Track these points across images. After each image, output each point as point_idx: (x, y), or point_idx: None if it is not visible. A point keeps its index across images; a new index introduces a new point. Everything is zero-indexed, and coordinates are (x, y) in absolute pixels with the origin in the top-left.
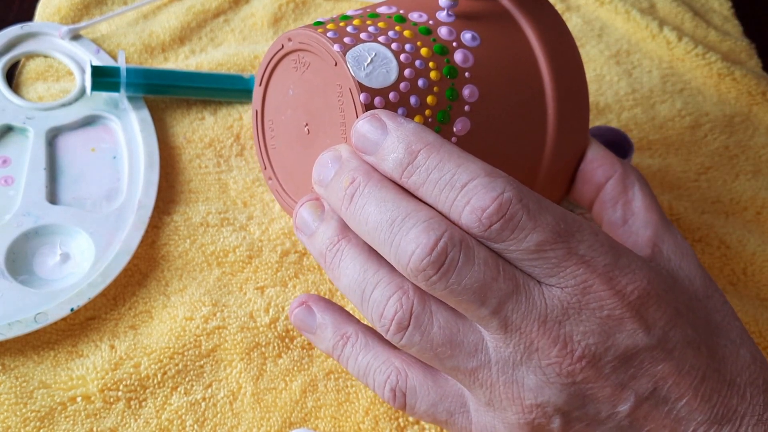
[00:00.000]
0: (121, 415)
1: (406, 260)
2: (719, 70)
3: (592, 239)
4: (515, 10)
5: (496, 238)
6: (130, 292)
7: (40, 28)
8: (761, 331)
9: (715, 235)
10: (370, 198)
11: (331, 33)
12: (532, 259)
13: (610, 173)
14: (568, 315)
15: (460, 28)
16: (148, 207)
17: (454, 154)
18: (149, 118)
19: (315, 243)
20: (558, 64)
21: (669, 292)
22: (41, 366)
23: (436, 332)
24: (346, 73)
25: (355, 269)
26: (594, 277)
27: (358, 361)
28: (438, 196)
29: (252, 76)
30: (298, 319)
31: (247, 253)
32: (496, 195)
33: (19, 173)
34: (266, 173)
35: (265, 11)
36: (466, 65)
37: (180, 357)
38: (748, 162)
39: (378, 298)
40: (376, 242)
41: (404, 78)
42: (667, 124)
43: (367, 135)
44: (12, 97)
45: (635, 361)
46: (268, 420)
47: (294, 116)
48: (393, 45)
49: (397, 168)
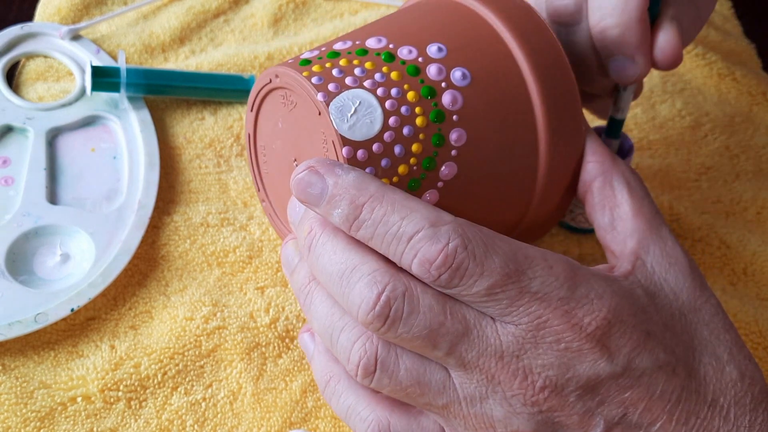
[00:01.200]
0: (122, 415)
1: (355, 312)
2: (719, 70)
3: (546, 274)
4: (507, 33)
5: (446, 285)
6: (130, 293)
7: (40, 29)
8: (761, 331)
9: (716, 235)
10: (323, 249)
11: (315, 78)
12: (485, 302)
13: (596, 173)
14: (525, 350)
15: (451, 65)
16: (148, 207)
17: (397, 203)
18: (149, 118)
19: (294, 281)
20: (551, 92)
21: (638, 315)
22: (41, 366)
23: (403, 375)
24: (329, 124)
25: (324, 312)
26: (549, 312)
27: (341, 402)
28: (387, 249)
29: (252, 76)
30: (302, 344)
31: (248, 253)
32: (442, 246)
33: (19, 173)
34: (260, 195)
35: (265, 11)
36: (455, 108)
37: (180, 357)
38: (748, 162)
39: (344, 343)
40: (332, 292)
41: (389, 127)
42: (667, 124)
43: (308, 189)
44: (12, 97)
45: (601, 389)
46: (268, 420)
47: (283, 148)
48: (379, 90)
49: (344, 223)
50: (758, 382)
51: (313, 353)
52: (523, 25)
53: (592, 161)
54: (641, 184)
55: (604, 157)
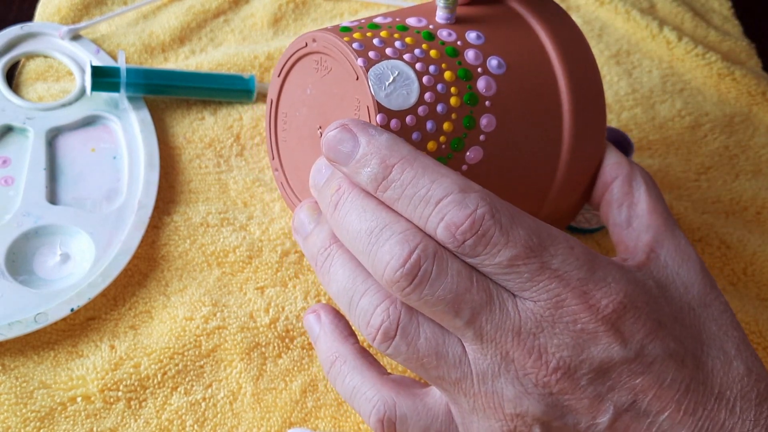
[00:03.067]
0: (121, 415)
1: (381, 270)
2: (719, 70)
3: (567, 253)
4: (542, 30)
5: (470, 253)
6: (130, 293)
7: (40, 29)
8: (761, 331)
9: (716, 235)
10: (352, 206)
11: (356, 44)
12: (506, 273)
13: (616, 173)
14: (542, 328)
15: (488, 52)
16: (148, 207)
17: (428, 168)
18: (149, 118)
19: (308, 246)
20: (579, 87)
21: (650, 304)
22: (41, 366)
23: (422, 343)
24: (366, 90)
25: (345, 275)
26: (567, 291)
27: (346, 383)
28: (413, 212)
29: (252, 76)
30: (307, 326)
31: (247, 253)
32: (470, 212)
33: (19, 173)
34: (273, 163)
35: (265, 11)
36: (488, 93)
37: (180, 357)
38: (748, 162)
39: (365, 306)
40: (357, 251)
41: (424, 102)
42: (667, 124)
43: (338, 147)
44: (12, 97)
45: (612, 373)
46: (268, 420)
47: (309, 115)
48: (417, 65)
49: (372, 182)
50: (764, 378)
51: (319, 334)
52: (556, 24)
53: (612, 163)
54: (656, 186)
55: (623, 159)
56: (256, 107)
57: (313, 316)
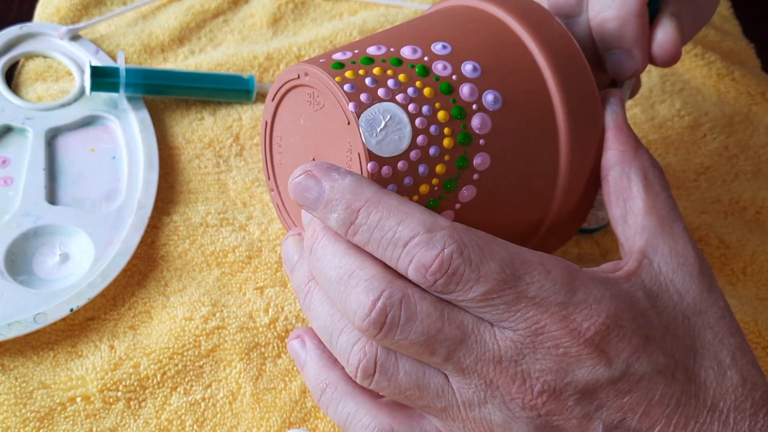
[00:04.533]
0: (121, 415)
1: (351, 318)
2: (719, 70)
3: (543, 278)
4: (542, 58)
5: (442, 291)
6: (129, 293)
7: (39, 29)
8: (760, 331)
9: (715, 234)
10: (324, 251)
11: (348, 86)
12: (481, 307)
13: (614, 162)
14: (523, 354)
15: (484, 86)
16: (147, 207)
17: (393, 209)
18: (148, 118)
19: (293, 278)
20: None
21: (637, 320)
22: (41, 366)
23: (402, 378)
24: (357, 137)
25: (323, 313)
26: (546, 318)
27: (339, 410)
28: (383, 254)
29: (251, 76)
30: (292, 352)
31: (247, 253)
32: (437, 252)
33: (19, 173)
34: (269, 184)
35: (265, 11)
36: (483, 132)
37: (179, 357)
38: (747, 162)
39: (343, 345)
40: (330, 295)
41: (416, 146)
42: (666, 123)
43: (304, 193)
44: (11, 97)
45: (599, 393)
46: (267, 420)
47: (303, 145)
48: (410, 106)
49: (341, 227)
50: (760, 387)
51: (305, 360)
52: (557, 50)
53: (613, 149)
54: (660, 177)
55: (626, 146)
56: (255, 107)
57: (297, 342)
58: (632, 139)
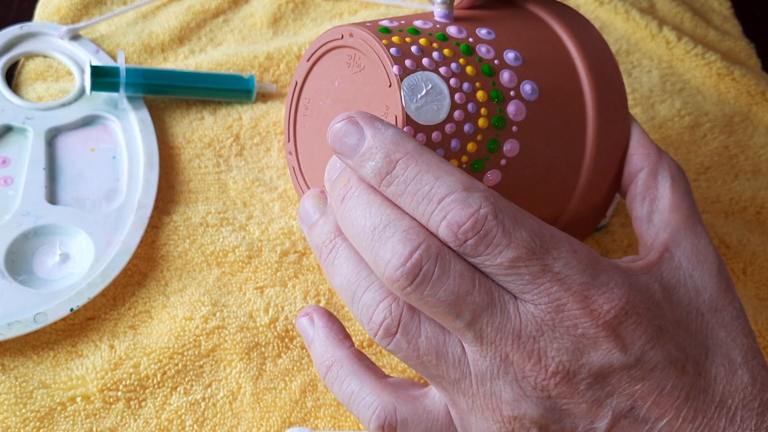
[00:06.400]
0: (121, 415)
1: (383, 268)
2: (719, 70)
3: (569, 256)
4: (577, 56)
5: (471, 252)
6: (129, 292)
7: (39, 28)
8: (760, 331)
9: (715, 234)
10: (358, 202)
11: (394, 50)
12: (507, 275)
13: (642, 164)
14: (542, 331)
15: (523, 76)
16: (147, 207)
17: (433, 165)
18: (149, 118)
19: (313, 235)
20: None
21: (652, 310)
22: (41, 366)
23: (422, 342)
24: (398, 100)
25: (349, 269)
26: (568, 296)
27: (343, 388)
28: (416, 209)
29: (251, 76)
30: (300, 329)
31: (247, 253)
32: (473, 211)
33: (19, 173)
34: (288, 146)
35: (265, 11)
36: (517, 119)
37: (179, 357)
38: (747, 162)
39: (368, 301)
40: (360, 247)
41: (452, 119)
42: (666, 123)
43: (344, 139)
44: (11, 97)
45: (612, 379)
46: (267, 420)
47: (333, 107)
48: (452, 80)
49: (375, 176)
50: None
51: (313, 338)
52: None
53: (638, 153)
54: (685, 180)
55: (650, 149)
56: (255, 107)
57: (306, 319)
58: (656, 145)
